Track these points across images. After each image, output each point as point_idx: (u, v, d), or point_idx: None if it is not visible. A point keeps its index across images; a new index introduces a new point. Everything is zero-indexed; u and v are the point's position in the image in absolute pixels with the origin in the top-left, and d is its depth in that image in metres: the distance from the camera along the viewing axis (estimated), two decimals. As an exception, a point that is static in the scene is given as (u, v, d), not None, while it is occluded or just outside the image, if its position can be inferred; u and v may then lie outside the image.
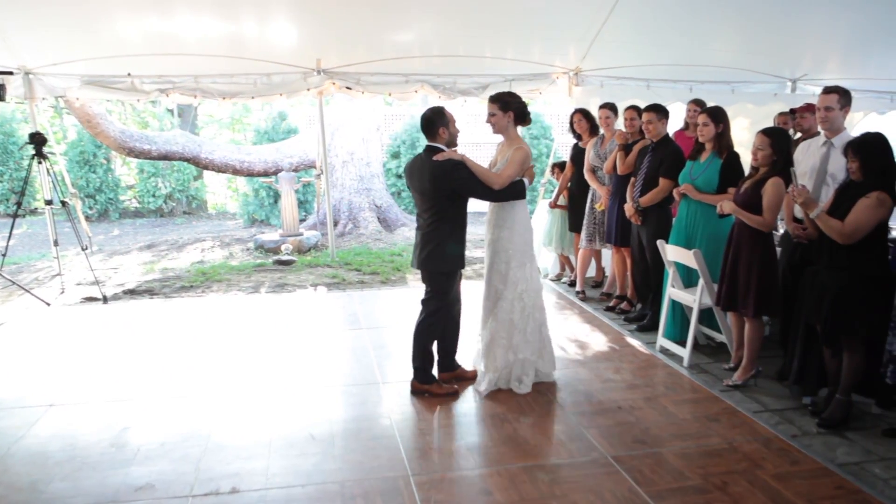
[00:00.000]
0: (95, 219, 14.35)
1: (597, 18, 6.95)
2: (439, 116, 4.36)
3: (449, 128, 4.37)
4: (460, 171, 4.26)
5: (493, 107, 4.50)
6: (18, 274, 8.47)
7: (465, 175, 4.27)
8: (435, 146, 4.36)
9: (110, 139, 10.37)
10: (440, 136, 4.36)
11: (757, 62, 8.11)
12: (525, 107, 4.58)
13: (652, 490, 3.36)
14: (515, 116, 4.51)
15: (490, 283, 4.64)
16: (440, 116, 4.36)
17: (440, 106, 4.46)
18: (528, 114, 4.61)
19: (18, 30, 6.61)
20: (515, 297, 4.55)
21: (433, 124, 4.35)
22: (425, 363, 4.60)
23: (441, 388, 4.61)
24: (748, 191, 4.50)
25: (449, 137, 4.38)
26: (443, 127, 4.35)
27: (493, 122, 4.53)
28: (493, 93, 4.75)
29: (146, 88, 7.56)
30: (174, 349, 5.56)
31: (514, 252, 4.54)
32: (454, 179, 4.25)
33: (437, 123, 4.34)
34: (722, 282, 4.67)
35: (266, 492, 3.40)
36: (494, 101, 4.51)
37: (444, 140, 4.37)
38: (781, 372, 4.75)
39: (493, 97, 4.53)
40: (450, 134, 4.38)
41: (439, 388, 4.60)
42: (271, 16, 6.96)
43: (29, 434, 4.04)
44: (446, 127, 4.36)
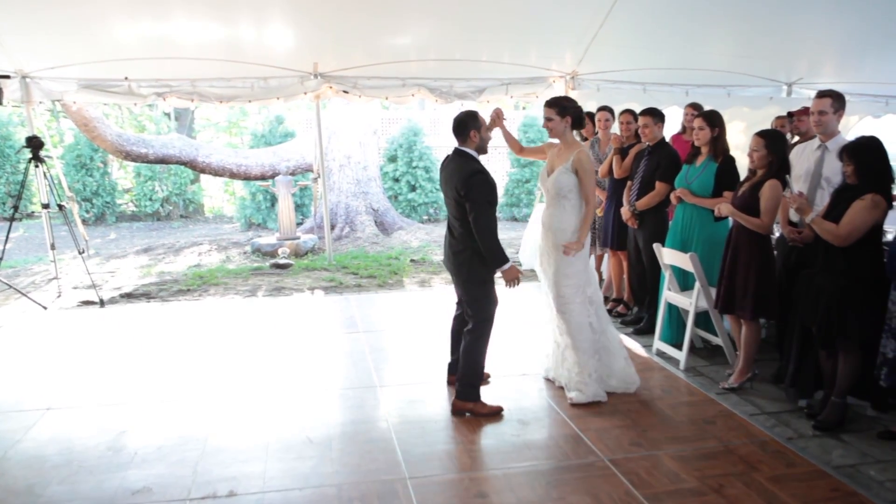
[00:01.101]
0: (92, 222, 14.33)
1: (593, 22, 6.98)
2: (472, 119, 4.22)
3: (481, 132, 4.23)
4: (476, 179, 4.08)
5: (550, 111, 4.44)
6: (15, 277, 8.46)
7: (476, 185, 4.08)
8: (464, 150, 4.24)
9: (107, 143, 10.37)
10: (471, 139, 4.22)
11: (753, 66, 8.15)
12: (581, 111, 4.53)
13: (648, 492, 3.37)
14: (573, 121, 4.45)
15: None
16: (473, 119, 4.22)
17: (474, 110, 4.34)
18: (584, 118, 4.66)
19: (15, 33, 6.62)
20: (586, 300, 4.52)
21: (465, 127, 4.21)
22: (474, 379, 4.36)
23: (485, 406, 4.35)
24: (746, 193, 4.52)
25: (480, 142, 4.25)
26: (474, 130, 4.21)
27: (549, 126, 4.47)
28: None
29: (143, 92, 7.57)
30: (171, 353, 5.56)
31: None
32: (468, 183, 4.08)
33: (470, 126, 4.20)
34: (720, 285, 4.69)
35: (263, 495, 3.41)
36: (551, 105, 4.45)
37: (474, 144, 4.23)
38: (777, 375, 4.76)
39: (549, 102, 4.48)
40: (481, 138, 4.25)
41: (483, 406, 4.35)
42: (268, 20, 6.98)
43: (26, 438, 4.04)
44: (478, 131, 4.22)
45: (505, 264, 4.16)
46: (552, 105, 4.46)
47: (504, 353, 5.40)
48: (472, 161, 4.20)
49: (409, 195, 14.04)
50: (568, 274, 4.47)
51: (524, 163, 14.48)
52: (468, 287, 4.32)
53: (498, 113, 4.65)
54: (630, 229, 5.95)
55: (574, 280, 4.47)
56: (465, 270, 4.28)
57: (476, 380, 4.37)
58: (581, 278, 4.50)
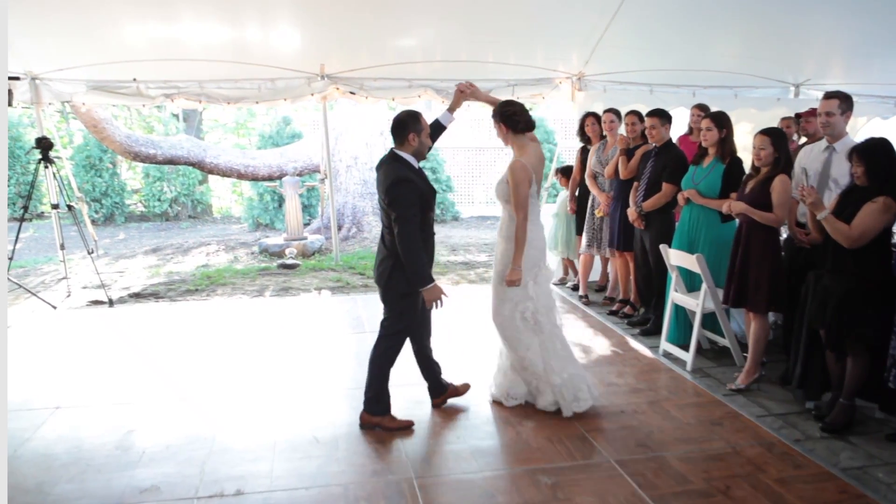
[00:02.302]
0: (101, 223, 14.41)
1: (600, 23, 6.97)
2: (413, 121, 3.91)
3: (420, 136, 3.92)
4: (398, 188, 3.81)
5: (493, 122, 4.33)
6: (25, 277, 8.51)
7: (398, 194, 3.81)
8: (399, 154, 3.95)
9: (116, 144, 10.43)
10: (409, 142, 3.91)
11: (760, 67, 8.12)
12: (512, 113, 4.19)
13: (655, 494, 3.37)
14: (507, 126, 4.22)
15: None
16: (414, 121, 3.91)
17: (417, 110, 4.02)
18: (519, 120, 4.20)
19: (25, 35, 6.66)
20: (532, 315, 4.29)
21: (404, 128, 3.90)
22: (379, 392, 4.14)
23: (394, 421, 4.16)
24: (755, 190, 4.52)
25: (419, 146, 3.95)
26: (413, 133, 3.90)
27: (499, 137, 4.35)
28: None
29: (151, 93, 7.59)
30: (179, 352, 5.59)
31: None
32: (390, 192, 3.83)
33: (409, 129, 3.90)
34: (730, 280, 4.68)
35: (270, 494, 3.42)
36: (493, 116, 4.31)
37: (412, 148, 3.93)
38: (784, 376, 4.75)
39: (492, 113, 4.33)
40: (420, 142, 3.94)
41: (392, 420, 4.15)
42: (275, 21, 7.00)
43: (35, 436, 4.07)
44: (418, 134, 3.91)
45: (426, 284, 3.86)
46: (493, 115, 4.29)
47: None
48: (402, 167, 3.89)
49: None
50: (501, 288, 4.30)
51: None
52: (387, 297, 4.07)
53: (461, 87, 4.42)
54: (636, 230, 5.94)
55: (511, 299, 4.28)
56: (384, 280, 4.02)
57: (382, 394, 4.14)
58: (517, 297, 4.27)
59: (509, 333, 4.33)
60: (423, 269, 3.85)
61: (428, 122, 4.11)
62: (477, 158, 15.89)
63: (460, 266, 9.19)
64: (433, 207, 4.04)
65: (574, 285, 7.52)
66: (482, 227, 13.81)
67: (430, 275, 3.90)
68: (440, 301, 3.93)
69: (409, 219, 3.79)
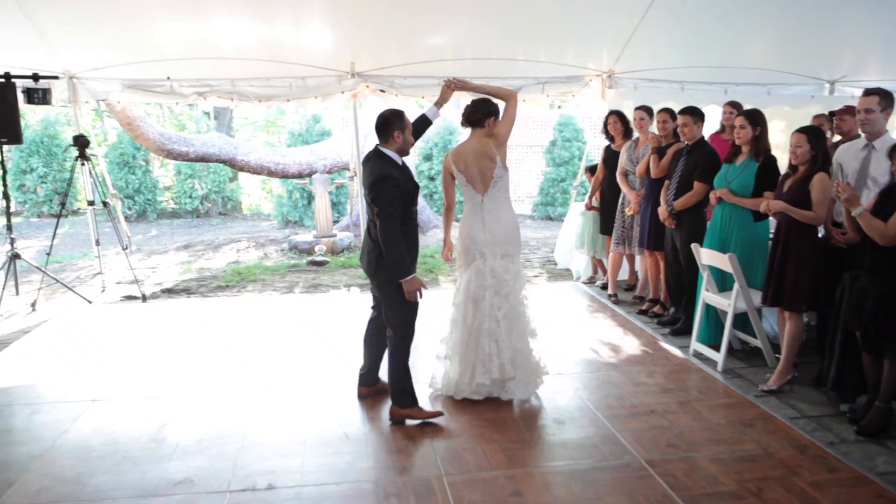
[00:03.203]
0: (134, 219, 14.63)
1: (631, 20, 6.92)
2: (397, 119, 4.07)
3: (405, 133, 4.09)
4: (380, 185, 3.95)
5: None
6: (61, 272, 8.68)
7: (380, 190, 3.95)
8: (383, 151, 4.09)
9: (150, 141, 10.57)
10: (394, 139, 4.07)
11: (794, 63, 8.00)
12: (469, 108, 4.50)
13: (686, 495, 3.34)
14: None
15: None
16: (398, 119, 4.07)
17: (400, 109, 4.19)
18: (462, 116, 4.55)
19: (63, 36, 6.80)
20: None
21: (389, 126, 4.06)
22: (404, 385, 4.22)
23: (423, 411, 4.25)
24: (794, 188, 4.47)
25: (402, 143, 4.11)
26: (398, 131, 4.06)
27: None
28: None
29: (184, 92, 7.70)
30: (210, 348, 5.66)
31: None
32: (373, 188, 3.98)
33: (394, 126, 4.06)
34: (769, 279, 4.63)
35: (301, 489, 3.46)
36: None
37: (396, 145, 4.09)
38: (818, 378, 4.68)
39: None
40: (404, 140, 4.10)
41: (420, 411, 4.24)
42: (306, 20, 7.06)
43: (73, 428, 4.15)
44: (402, 132, 4.08)
45: (406, 275, 3.98)
46: None
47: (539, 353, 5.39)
48: (386, 164, 4.03)
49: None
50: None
51: (559, 161, 14.41)
52: (383, 289, 4.17)
53: (448, 82, 4.54)
54: (667, 229, 5.89)
55: None
56: (372, 270, 4.17)
57: (406, 384, 4.21)
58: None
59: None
60: (402, 262, 3.98)
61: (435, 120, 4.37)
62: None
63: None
64: (416, 202, 4.20)
65: (603, 284, 7.48)
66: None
67: (409, 267, 4.02)
68: (419, 293, 4.04)
69: (389, 213, 3.94)
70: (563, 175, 14.38)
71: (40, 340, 5.92)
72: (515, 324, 4.45)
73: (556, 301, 7.14)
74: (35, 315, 6.68)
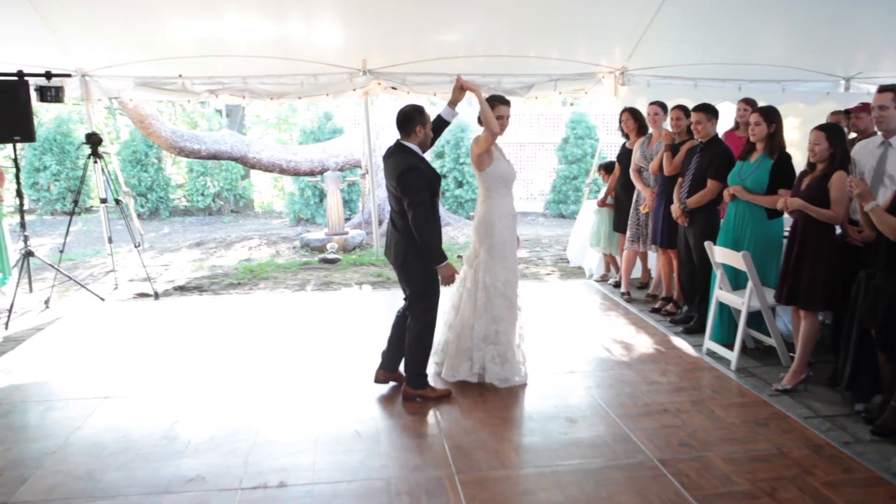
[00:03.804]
0: (147, 217, 14.70)
1: (644, 17, 6.89)
2: (419, 114, 4.26)
3: (426, 128, 4.29)
4: (408, 176, 4.13)
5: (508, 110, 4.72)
6: (74, 270, 8.73)
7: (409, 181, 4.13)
8: (405, 144, 4.28)
9: (162, 139, 10.62)
10: (415, 134, 4.26)
11: (808, 60, 7.93)
12: None
13: (699, 494, 3.32)
14: None
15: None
16: (419, 115, 4.26)
17: (420, 105, 4.35)
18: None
19: (76, 34, 6.84)
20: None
21: (411, 121, 4.24)
22: (420, 369, 4.48)
23: (434, 391, 4.52)
24: (812, 186, 4.43)
25: (424, 137, 4.30)
26: (420, 126, 4.25)
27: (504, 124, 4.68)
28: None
29: (196, 89, 7.73)
30: (222, 345, 5.67)
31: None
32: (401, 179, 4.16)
33: (415, 122, 4.24)
34: (784, 277, 4.59)
35: (313, 486, 3.46)
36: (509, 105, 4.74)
37: (418, 139, 4.28)
38: (833, 377, 4.63)
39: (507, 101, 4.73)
40: (425, 134, 4.30)
41: (433, 391, 4.51)
42: (318, 17, 7.06)
43: (85, 425, 4.17)
44: (423, 126, 4.27)
45: (441, 262, 4.20)
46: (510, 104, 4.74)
47: (550, 351, 5.39)
48: (411, 156, 4.22)
49: (455, 191, 14.06)
50: None
51: (571, 159, 14.37)
52: (411, 279, 4.37)
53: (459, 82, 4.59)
54: (680, 227, 5.86)
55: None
56: (401, 263, 4.35)
57: (422, 369, 4.48)
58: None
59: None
60: (437, 248, 4.20)
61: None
62: (517, 154, 15.82)
63: (500, 262, 9.15)
64: (439, 193, 4.34)
65: (616, 282, 7.44)
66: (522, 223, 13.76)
67: (443, 253, 4.22)
68: (452, 279, 4.28)
69: (420, 203, 4.12)
70: (575, 172, 14.34)
71: (53, 337, 5.95)
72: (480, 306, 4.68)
73: (569, 299, 7.12)
74: (48, 312, 6.72)
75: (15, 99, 6.50)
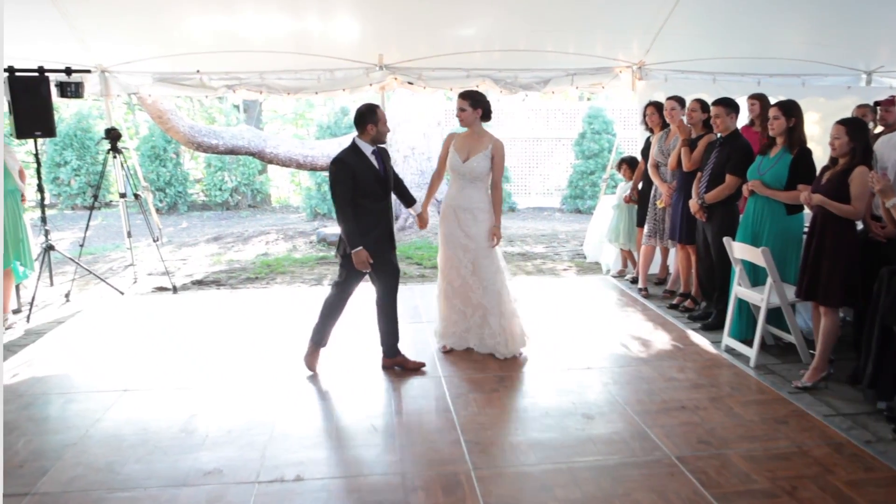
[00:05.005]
0: (165, 211, 14.81)
1: (661, 11, 6.82)
2: (371, 113, 4.58)
3: (378, 126, 4.59)
4: (332, 167, 4.57)
5: (463, 103, 4.98)
6: (94, 264, 8.81)
7: (332, 172, 4.58)
8: (356, 140, 4.64)
9: (180, 134, 10.68)
10: (367, 131, 4.59)
11: (829, 54, 7.82)
12: (489, 105, 5.08)
13: (718, 492, 3.29)
14: (483, 113, 5.02)
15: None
16: (371, 114, 4.58)
17: (375, 104, 4.70)
18: (491, 112, 5.14)
19: (95, 31, 6.87)
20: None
21: (364, 120, 4.58)
22: (394, 340, 4.97)
23: (408, 361, 4.96)
24: (833, 181, 4.37)
25: (376, 135, 4.62)
26: (371, 124, 4.58)
27: (462, 116, 5.01)
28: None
29: (214, 85, 7.75)
30: (239, 339, 5.71)
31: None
32: (329, 169, 4.63)
33: (367, 120, 4.57)
34: (804, 273, 4.54)
35: (329, 481, 3.47)
36: (465, 97, 4.99)
37: (370, 136, 4.61)
38: (854, 375, 4.57)
39: (463, 94, 5.02)
40: (377, 132, 4.61)
41: (406, 361, 4.96)
42: (335, 12, 7.06)
43: (105, 417, 4.21)
44: (375, 125, 4.58)
45: (354, 248, 4.56)
46: (466, 97, 4.99)
47: (568, 347, 5.37)
48: (350, 151, 4.61)
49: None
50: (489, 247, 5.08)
51: (588, 154, 14.30)
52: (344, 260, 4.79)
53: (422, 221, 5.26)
54: (699, 222, 5.80)
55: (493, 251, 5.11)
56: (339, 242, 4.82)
57: (393, 339, 4.96)
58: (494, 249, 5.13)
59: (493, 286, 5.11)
60: (352, 235, 4.56)
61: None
62: (534, 149, 15.77)
63: (517, 257, 9.14)
64: (375, 191, 4.64)
65: (633, 278, 7.40)
66: (539, 219, 13.72)
67: (358, 241, 4.55)
68: (363, 265, 4.61)
69: (337, 193, 4.54)
70: (592, 168, 14.27)
71: (74, 330, 6.01)
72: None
73: (586, 295, 7.09)
74: (69, 306, 6.79)
75: (36, 95, 6.56)
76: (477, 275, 5.06)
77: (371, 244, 4.60)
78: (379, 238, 4.68)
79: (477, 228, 5.04)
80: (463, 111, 4.98)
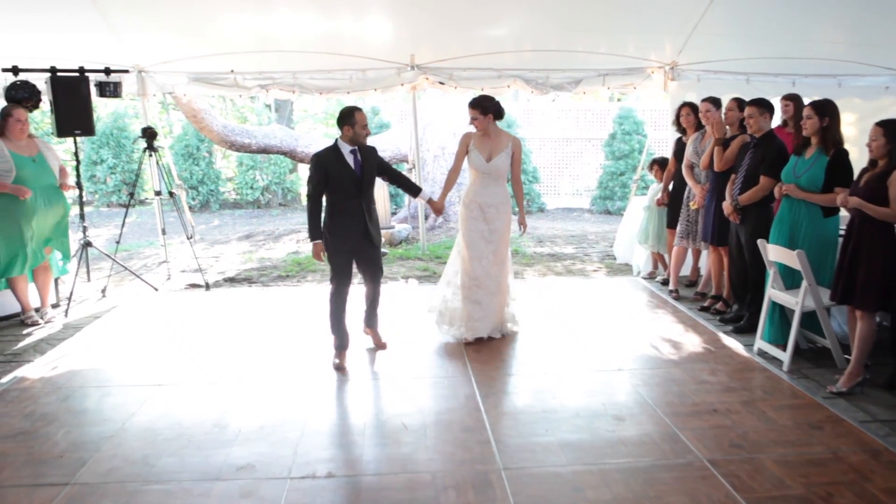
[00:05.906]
0: (198, 209, 15.02)
1: (695, 11, 6.77)
2: (348, 116, 4.84)
3: (354, 128, 4.83)
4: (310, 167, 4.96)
5: (474, 112, 5.29)
6: (129, 260, 8.97)
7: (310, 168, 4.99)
8: (336, 140, 4.94)
9: (214, 133, 10.82)
10: (345, 132, 4.88)
11: (866, 53, 7.67)
12: (499, 105, 5.37)
13: (751, 497, 3.26)
14: (494, 116, 5.34)
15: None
16: (349, 117, 4.83)
17: (357, 107, 4.93)
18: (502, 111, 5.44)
19: (133, 31, 7.01)
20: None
21: (342, 122, 4.87)
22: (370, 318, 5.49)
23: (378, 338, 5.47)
24: (871, 183, 4.29)
25: (353, 136, 4.86)
26: (348, 126, 4.83)
27: (475, 123, 5.32)
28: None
29: (248, 84, 7.86)
30: (271, 336, 5.77)
31: None
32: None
33: (345, 122, 4.84)
34: (839, 276, 4.48)
35: (360, 478, 3.50)
36: (474, 107, 5.30)
37: (347, 137, 4.88)
38: (891, 380, 4.50)
39: (471, 104, 5.33)
40: (354, 133, 4.85)
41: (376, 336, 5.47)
42: (367, 12, 7.12)
43: (140, 411, 4.29)
44: (352, 127, 4.82)
45: (312, 239, 5.01)
46: (475, 106, 5.30)
47: (597, 348, 5.35)
48: (326, 150, 4.93)
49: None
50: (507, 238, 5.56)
51: (619, 154, 14.21)
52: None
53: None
54: (732, 224, 5.74)
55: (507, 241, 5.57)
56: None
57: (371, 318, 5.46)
58: None
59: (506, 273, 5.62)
60: (312, 228, 4.98)
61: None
62: (564, 149, 15.71)
63: (547, 258, 9.12)
64: (348, 189, 4.92)
65: (664, 280, 7.34)
66: (568, 219, 13.67)
67: (316, 234, 4.98)
68: (318, 257, 5.03)
69: (310, 186, 4.94)
70: (622, 168, 14.18)
71: (110, 325, 6.13)
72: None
73: (616, 296, 7.05)
74: (105, 301, 6.92)
75: (76, 94, 6.69)
76: (496, 263, 5.47)
77: (350, 241, 4.98)
78: (356, 235, 5.00)
79: (500, 221, 5.43)
80: (476, 119, 5.30)
